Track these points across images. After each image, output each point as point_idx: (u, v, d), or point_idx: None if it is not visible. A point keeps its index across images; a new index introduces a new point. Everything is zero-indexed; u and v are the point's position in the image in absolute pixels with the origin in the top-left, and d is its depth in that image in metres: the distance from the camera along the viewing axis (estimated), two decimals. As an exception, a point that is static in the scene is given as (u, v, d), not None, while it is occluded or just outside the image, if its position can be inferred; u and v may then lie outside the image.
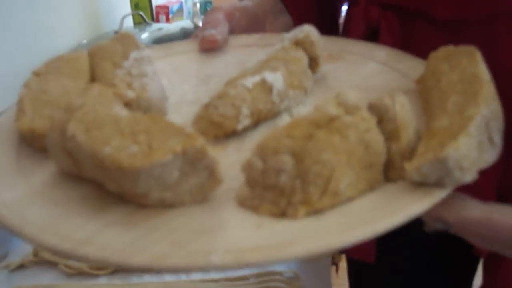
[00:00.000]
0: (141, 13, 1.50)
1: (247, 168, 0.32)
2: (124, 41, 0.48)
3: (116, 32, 1.36)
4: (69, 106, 0.35)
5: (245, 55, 0.54)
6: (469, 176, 0.32)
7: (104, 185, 0.33)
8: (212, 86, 0.48)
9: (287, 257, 0.28)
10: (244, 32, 0.59)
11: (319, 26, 0.65)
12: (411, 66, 0.48)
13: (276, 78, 0.42)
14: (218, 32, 0.54)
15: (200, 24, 1.56)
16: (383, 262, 0.72)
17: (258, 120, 0.41)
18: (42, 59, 0.46)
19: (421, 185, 0.32)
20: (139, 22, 1.51)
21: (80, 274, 0.71)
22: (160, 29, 1.43)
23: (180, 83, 0.50)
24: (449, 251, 0.71)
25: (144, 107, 0.42)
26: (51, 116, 0.38)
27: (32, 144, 0.39)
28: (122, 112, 0.35)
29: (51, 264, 0.73)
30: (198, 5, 1.74)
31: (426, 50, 0.45)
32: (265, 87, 0.41)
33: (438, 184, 0.32)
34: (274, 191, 0.32)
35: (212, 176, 0.32)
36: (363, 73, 0.49)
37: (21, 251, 0.76)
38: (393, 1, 0.55)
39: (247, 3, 0.61)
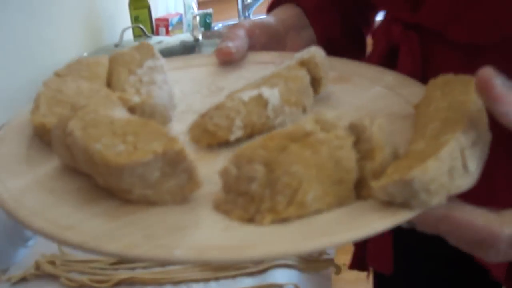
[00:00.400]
0: (141, 26, 1.51)
1: (223, 174, 0.35)
2: (143, 50, 0.52)
3: (116, 45, 1.35)
4: (75, 106, 0.39)
5: (260, 71, 0.56)
6: (436, 200, 0.33)
7: (94, 179, 0.36)
8: (220, 98, 0.51)
9: (243, 259, 0.30)
10: (264, 48, 0.61)
11: (344, 41, 0.66)
12: (414, 92, 0.49)
13: (272, 94, 0.44)
14: (235, 45, 0.57)
15: (200, 37, 1.57)
16: (404, 280, 0.72)
17: (252, 133, 0.43)
18: (42, 72, 0.48)
19: (389, 205, 0.33)
20: (139, 35, 1.51)
21: (82, 287, 0.71)
22: (160, 42, 1.42)
23: (192, 93, 0.53)
24: (469, 277, 0.70)
25: (148, 113, 0.45)
26: (61, 114, 0.42)
27: (43, 137, 0.43)
28: (120, 114, 0.39)
29: (53, 277, 0.72)
30: (197, 18, 1.73)
31: (445, 70, 0.45)
32: (261, 101, 0.43)
33: (404, 205, 0.33)
34: (246, 198, 0.34)
35: (191, 179, 0.35)
36: (367, 96, 0.51)
37: (23, 265, 0.75)
38: (413, 20, 0.56)
39: (269, 19, 0.63)
